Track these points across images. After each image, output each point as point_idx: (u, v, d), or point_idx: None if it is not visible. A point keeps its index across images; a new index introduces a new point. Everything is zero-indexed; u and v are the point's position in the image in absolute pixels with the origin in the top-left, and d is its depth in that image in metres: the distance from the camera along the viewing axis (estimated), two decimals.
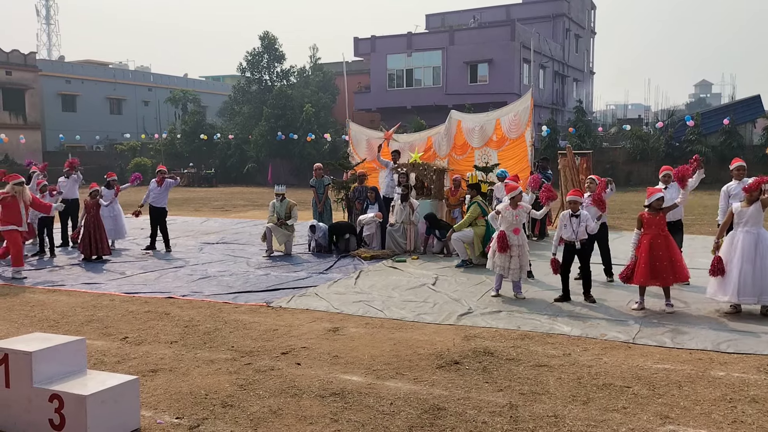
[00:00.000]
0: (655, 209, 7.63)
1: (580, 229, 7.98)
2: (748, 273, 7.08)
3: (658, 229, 7.57)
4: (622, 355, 5.98)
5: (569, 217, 8.05)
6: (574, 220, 8.02)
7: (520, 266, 8.33)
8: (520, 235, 8.38)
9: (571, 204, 8.09)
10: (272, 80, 43.62)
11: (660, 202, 7.66)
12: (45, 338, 4.78)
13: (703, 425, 4.47)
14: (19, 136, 42.08)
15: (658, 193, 7.76)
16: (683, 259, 7.79)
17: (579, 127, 32.60)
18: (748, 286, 7.08)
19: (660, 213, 7.63)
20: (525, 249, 8.43)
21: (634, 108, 68.40)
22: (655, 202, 7.63)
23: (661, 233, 7.56)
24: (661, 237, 7.55)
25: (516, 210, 8.37)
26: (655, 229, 7.57)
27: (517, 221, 8.37)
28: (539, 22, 43.78)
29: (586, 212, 8.18)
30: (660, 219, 7.61)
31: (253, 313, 7.84)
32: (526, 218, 8.56)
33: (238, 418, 4.69)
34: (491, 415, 4.66)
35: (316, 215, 13.56)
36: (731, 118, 29.73)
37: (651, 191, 7.79)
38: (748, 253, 7.13)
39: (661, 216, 7.63)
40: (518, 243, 8.32)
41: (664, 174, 9.17)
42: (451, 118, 14.48)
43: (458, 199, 13.05)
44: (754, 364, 5.68)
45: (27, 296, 8.99)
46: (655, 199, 7.64)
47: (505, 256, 8.33)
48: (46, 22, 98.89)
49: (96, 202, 12.05)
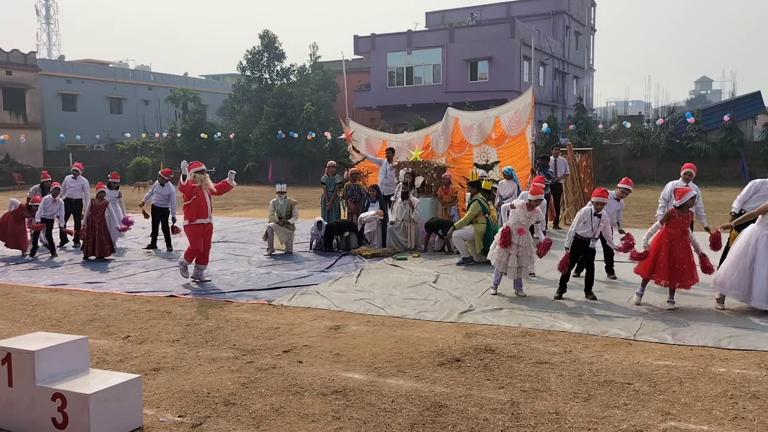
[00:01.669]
0: (687, 208, 7.53)
1: (599, 229, 8.00)
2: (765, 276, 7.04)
3: (683, 230, 7.50)
4: (623, 352, 6.00)
5: (591, 215, 7.99)
6: (595, 219, 7.99)
7: (518, 266, 8.32)
8: (525, 236, 8.37)
9: (597, 205, 7.97)
10: (272, 79, 43.59)
11: (692, 202, 7.55)
12: (48, 337, 4.80)
13: (704, 421, 4.48)
14: (19, 136, 42.11)
15: (691, 192, 7.60)
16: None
17: (579, 124, 32.58)
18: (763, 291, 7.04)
19: (689, 213, 7.58)
20: (528, 251, 8.38)
21: (634, 105, 68.36)
22: (689, 201, 7.49)
23: (684, 234, 7.50)
24: (684, 238, 7.50)
25: (530, 213, 8.36)
26: (680, 229, 7.49)
27: (526, 223, 8.37)
28: (539, 20, 43.75)
29: (605, 214, 8.15)
30: (686, 219, 7.53)
31: (255, 311, 7.86)
32: (533, 222, 8.52)
33: (241, 416, 4.71)
34: (492, 412, 4.67)
35: (325, 213, 13.58)
36: (731, 115, 29.69)
37: (682, 191, 7.63)
38: None
39: (688, 216, 7.56)
40: (519, 243, 8.32)
41: (686, 172, 9.08)
42: (448, 116, 14.47)
43: (450, 197, 13.06)
44: (755, 361, 5.69)
45: (29, 296, 9.01)
46: (689, 198, 7.48)
47: (504, 252, 8.34)
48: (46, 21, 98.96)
49: (105, 204, 12.09)
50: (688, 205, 7.52)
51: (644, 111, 49.95)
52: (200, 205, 9.43)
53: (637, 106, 66.64)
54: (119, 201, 13.70)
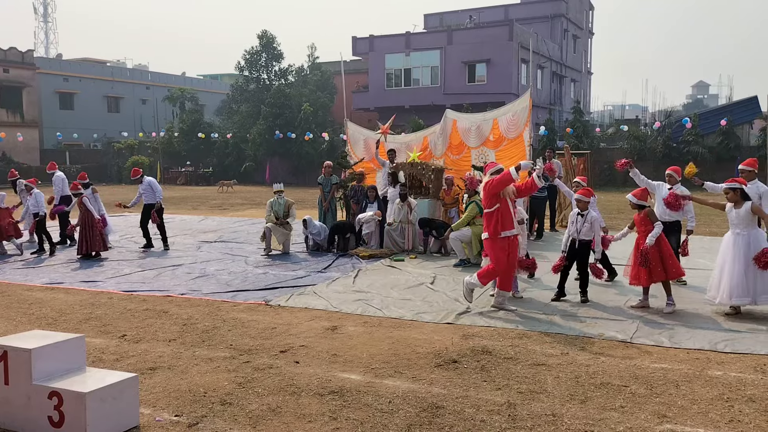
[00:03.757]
0: (637, 208, 7.87)
1: (584, 228, 8.02)
2: (740, 274, 7.11)
3: (646, 229, 7.73)
4: (620, 355, 6.01)
5: (577, 215, 8.12)
6: (579, 218, 8.07)
7: None
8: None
9: (577, 203, 8.16)
10: (270, 79, 43.60)
11: (638, 203, 7.85)
12: (44, 335, 4.79)
13: (701, 424, 4.49)
14: (16, 134, 41.98)
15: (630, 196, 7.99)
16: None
17: (576, 127, 32.64)
18: (740, 287, 7.11)
19: (644, 213, 7.81)
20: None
21: (631, 108, 68.47)
22: (632, 203, 7.89)
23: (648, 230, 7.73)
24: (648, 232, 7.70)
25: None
26: (644, 228, 7.74)
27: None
28: (537, 23, 43.81)
29: (595, 214, 8.18)
30: (644, 220, 7.77)
31: (252, 311, 7.85)
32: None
33: (237, 415, 4.70)
34: (489, 414, 4.68)
35: (321, 213, 13.56)
36: (728, 119, 29.80)
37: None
38: (741, 255, 7.16)
39: (644, 218, 7.79)
40: None
41: (666, 174, 9.17)
42: (447, 118, 14.47)
43: (453, 198, 13.07)
44: (752, 364, 5.70)
45: (25, 294, 8.98)
46: (630, 200, 7.90)
47: None
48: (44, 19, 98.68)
49: (81, 200, 12.04)
50: (635, 205, 7.78)
51: (641, 115, 50.05)
52: (505, 215, 7.65)
53: (634, 109, 66.77)
54: (95, 197, 13.51)
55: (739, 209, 7.24)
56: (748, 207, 7.18)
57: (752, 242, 7.15)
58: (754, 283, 7.07)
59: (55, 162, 15.40)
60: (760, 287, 7.07)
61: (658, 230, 7.52)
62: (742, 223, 7.22)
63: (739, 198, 7.25)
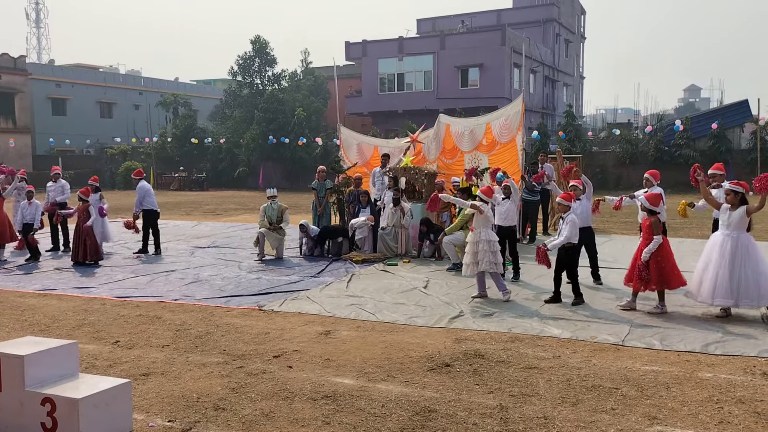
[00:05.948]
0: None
1: (563, 230, 8.12)
2: (725, 275, 7.18)
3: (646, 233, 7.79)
4: (611, 357, 6.05)
5: (560, 219, 8.28)
6: (560, 222, 8.25)
7: (471, 262, 8.40)
8: (478, 233, 8.41)
9: (558, 206, 8.44)
10: (263, 84, 43.57)
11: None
12: (37, 342, 4.79)
13: (690, 426, 4.53)
14: (8, 140, 41.85)
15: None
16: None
17: (569, 131, 32.76)
18: (723, 288, 7.18)
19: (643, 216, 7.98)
20: (487, 246, 8.35)
21: (623, 112, 68.78)
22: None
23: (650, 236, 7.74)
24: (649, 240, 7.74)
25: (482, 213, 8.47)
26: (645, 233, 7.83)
27: (480, 219, 8.46)
28: (530, 27, 44.03)
29: (572, 216, 8.23)
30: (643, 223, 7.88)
31: (245, 316, 7.85)
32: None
33: (230, 421, 4.71)
34: (482, 417, 4.71)
35: (316, 218, 13.58)
36: (720, 123, 29.97)
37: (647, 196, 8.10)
38: (727, 256, 7.22)
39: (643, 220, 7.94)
40: (476, 240, 8.41)
41: (644, 177, 9.35)
42: (440, 122, 14.53)
43: (444, 203, 13.08)
44: (741, 366, 5.76)
45: (18, 300, 8.96)
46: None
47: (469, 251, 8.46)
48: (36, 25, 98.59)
49: (86, 207, 12.01)
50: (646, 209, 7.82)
51: (633, 118, 50.30)
52: None
53: (626, 113, 67.10)
54: (101, 202, 13.44)
55: (734, 211, 7.32)
56: (743, 211, 7.25)
57: (740, 245, 7.23)
58: (738, 286, 7.13)
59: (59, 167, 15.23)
60: (744, 291, 7.13)
61: (654, 244, 7.52)
62: (733, 225, 7.30)
63: (737, 201, 7.33)
